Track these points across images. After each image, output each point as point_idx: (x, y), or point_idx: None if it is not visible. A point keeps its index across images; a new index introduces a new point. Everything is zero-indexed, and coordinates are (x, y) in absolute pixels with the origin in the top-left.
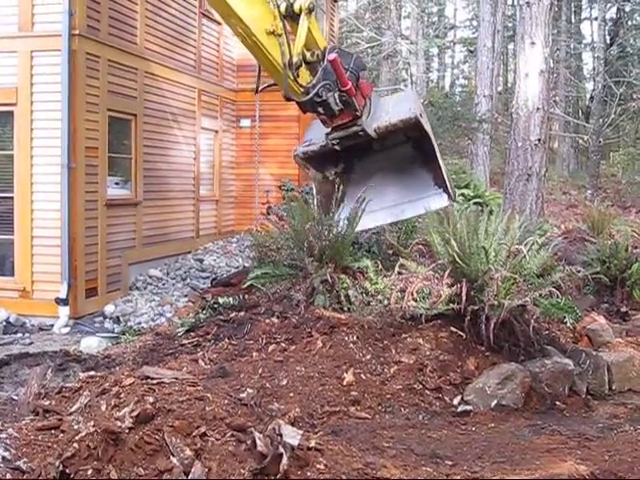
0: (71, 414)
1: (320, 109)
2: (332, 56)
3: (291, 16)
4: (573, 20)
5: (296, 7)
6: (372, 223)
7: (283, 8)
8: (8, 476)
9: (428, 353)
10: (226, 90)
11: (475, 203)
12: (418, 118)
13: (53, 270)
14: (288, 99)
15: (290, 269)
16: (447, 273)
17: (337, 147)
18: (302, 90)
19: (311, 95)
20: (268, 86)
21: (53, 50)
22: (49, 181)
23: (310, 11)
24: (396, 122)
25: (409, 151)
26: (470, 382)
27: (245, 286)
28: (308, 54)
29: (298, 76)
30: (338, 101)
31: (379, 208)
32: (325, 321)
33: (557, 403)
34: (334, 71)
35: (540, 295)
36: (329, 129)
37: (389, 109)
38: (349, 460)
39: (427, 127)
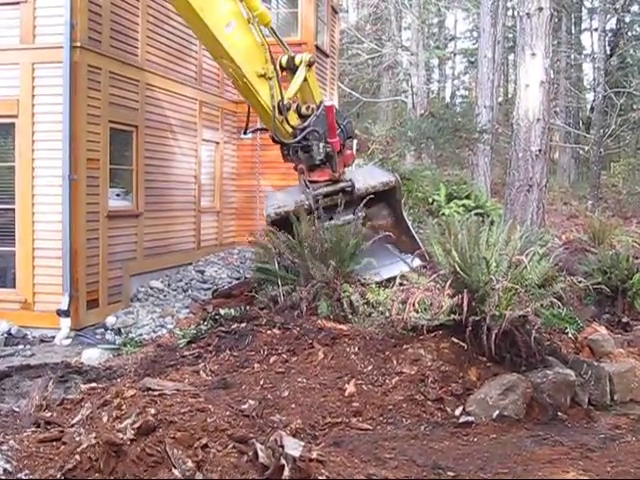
0: (73, 426)
1: (302, 156)
2: (330, 103)
3: (291, 68)
4: (573, 31)
5: (297, 60)
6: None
7: (284, 61)
8: None
9: (429, 364)
10: (227, 102)
11: (476, 214)
12: (398, 181)
13: (54, 282)
14: (275, 141)
15: (291, 274)
16: (448, 284)
17: (314, 205)
18: (290, 132)
19: (299, 137)
20: (257, 129)
21: (54, 62)
22: (50, 193)
23: (310, 64)
24: (376, 184)
25: (357, 227)
26: (472, 393)
27: (248, 281)
28: (303, 107)
29: (287, 120)
30: (322, 150)
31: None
32: (326, 332)
33: (559, 414)
34: (327, 118)
35: (541, 305)
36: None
37: (359, 177)
38: (351, 471)
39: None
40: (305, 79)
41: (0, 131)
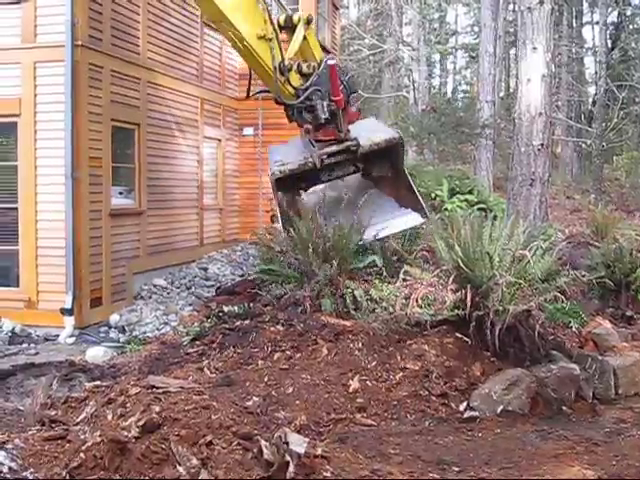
0: (77, 424)
1: (307, 116)
2: (332, 61)
3: (290, 27)
4: (574, 24)
5: (295, 18)
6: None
7: (282, 19)
8: None
9: (433, 359)
10: (229, 99)
11: (479, 209)
12: (401, 137)
13: (58, 280)
14: (278, 103)
15: (295, 272)
16: (452, 279)
17: (318, 165)
18: (293, 92)
19: (302, 98)
20: (260, 92)
21: (56, 61)
22: (53, 191)
23: (308, 22)
24: (380, 141)
25: (359, 180)
26: (476, 388)
27: (251, 279)
28: (304, 66)
29: (289, 80)
30: (326, 109)
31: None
32: (330, 328)
33: (563, 408)
34: (330, 77)
35: (545, 300)
36: (304, 153)
37: (362, 132)
38: (356, 467)
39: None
40: (305, 38)
41: (2, 130)
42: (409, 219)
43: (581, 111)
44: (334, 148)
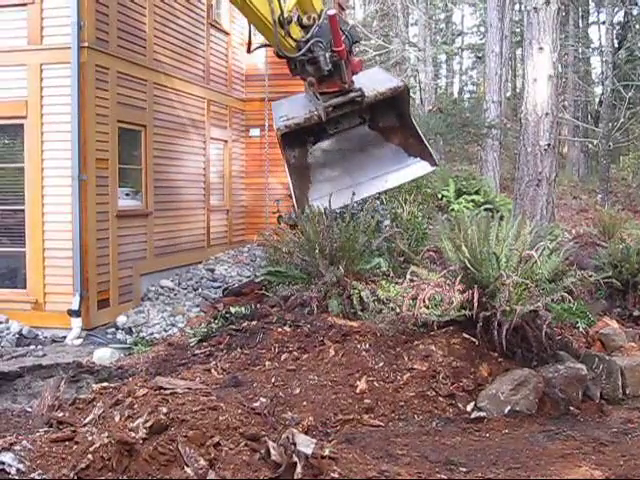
0: (85, 425)
1: (309, 68)
2: (332, 12)
3: None
4: (581, 24)
5: None
6: (357, 196)
7: None
8: None
9: (441, 360)
10: (235, 100)
11: (486, 209)
12: (406, 85)
13: (65, 282)
14: (280, 57)
15: (302, 272)
16: (458, 279)
17: (324, 117)
18: (294, 45)
19: (303, 50)
20: (262, 46)
21: (63, 63)
22: (60, 193)
23: None
24: (385, 91)
25: (366, 131)
26: (483, 388)
27: (258, 281)
28: (304, 17)
29: (290, 33)
30: (328, 61)
31: (362, 181)
32: (337, 329)
33: (571, 408)
34: (331, 27)
35: (552, 300)
36: (308, 106)
37: (366, 82)
38: (363, 468)
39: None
40: None
41: (9, 132)
42: (418, 168)
43: (588, 111)
44: (339, 99)
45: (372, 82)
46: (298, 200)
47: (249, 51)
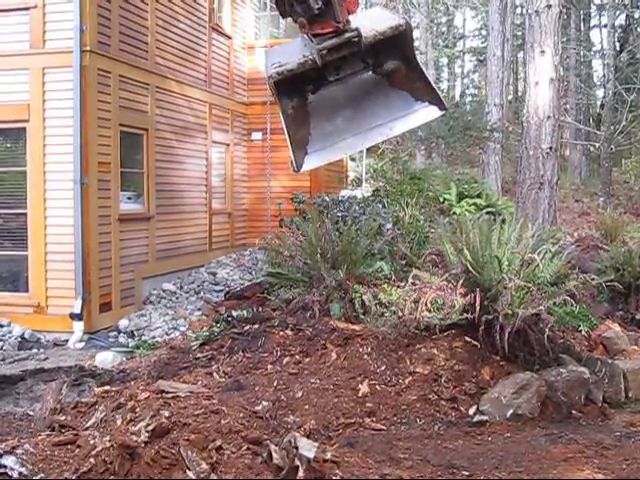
0: (87, 429)
1: (298, 8)
2: None
3: None
4: (582, 27)
5: None
6: (360, 145)
7: None
8: None
9: (443, 363)
10: (237, 103)
11: (488, 212)
12: (408, 23)
13: (67, 285)
14: None
15: (304, 276)
16: (460, 283)
17: (319, 62)
18: None
19: None
20: None
21: (64, 66)
22: (62, 197)
23: None
24: (385, 30)
25: (371, 77)
26: (485, 392)
27: (259, 282)
28: None
29: None
30: None
31: (366, 129)
32: (339, 333)
33: (573, 412)
34: None
35: (554, 303)
36: (304, 46)
37: (365, 23)
38: (365, 472)
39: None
40: None
41: (11, 136)
42: (426, 112)
43: (589, 114)
44: (334, 41)
45: (372, 22)
46: (295, 155)
47: None
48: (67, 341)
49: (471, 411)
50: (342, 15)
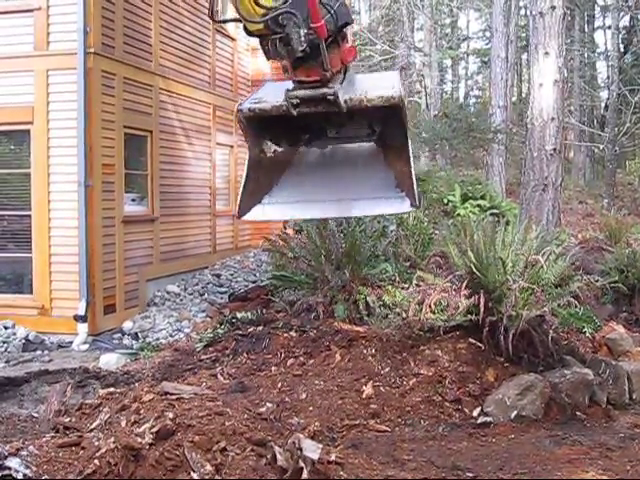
0: (91, 431)
1: (282, 49)
2: None
3: None
4: (586, 29)
5: None
6: (332, 213)
7: None
8: None
9: (447, 365)
10: None
11: (492, 214)
12: (402, 98)
13: (71, 287)
14: (248, 32)
15: (307, 278)
16: (464, 284)
17: (293, 111)
18: (262, 13)
19: (267, 18)
20: (230, 20)
21: (69, 68)
22: (66, 199)
23: None
24: (373, 98)
25: (370, 146)
26: (489, 393)
27: (264, 285)
28: None
29: (257, 1)
30: (303, 39)
31: (327, 199)
32: (343, 334)
33: (577, 413)
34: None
35: (558, 305)
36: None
37: (366, 86)
38: (370, 473)
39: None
40: None
41: (15, 138)
42: (399, 204)
43: (594, 116)
44: (307, 92)
45: (372, 86)
46: (242, 201)
47: (212, 18)
48: (71, 343)
49: (475, 413)
50: (332, 63)
